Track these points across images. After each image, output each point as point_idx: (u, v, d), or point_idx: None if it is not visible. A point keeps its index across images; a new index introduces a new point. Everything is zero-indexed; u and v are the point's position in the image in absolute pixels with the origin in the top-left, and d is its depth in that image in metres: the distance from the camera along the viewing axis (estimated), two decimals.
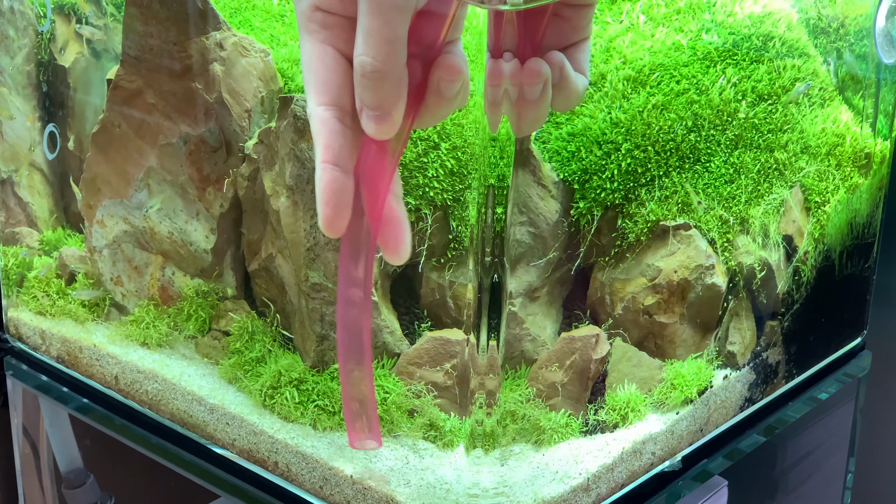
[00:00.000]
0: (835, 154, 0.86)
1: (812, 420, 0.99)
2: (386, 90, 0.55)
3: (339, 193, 0.56)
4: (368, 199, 0.58)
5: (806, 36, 0.83)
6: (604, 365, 0.73)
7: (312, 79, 0.57)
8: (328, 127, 0.56)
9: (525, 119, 0.58)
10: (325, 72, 0.56)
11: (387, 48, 0.54)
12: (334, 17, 0.56)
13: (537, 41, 0.57)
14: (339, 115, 0.56)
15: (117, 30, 0.84)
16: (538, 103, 0.57)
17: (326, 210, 0.56)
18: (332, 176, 0.56)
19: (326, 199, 0.56)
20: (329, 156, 0.56)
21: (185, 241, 0.80)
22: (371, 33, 0.54)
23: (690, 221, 0.75)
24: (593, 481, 0.69)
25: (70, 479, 0.98)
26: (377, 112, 0.55)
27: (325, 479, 0.70)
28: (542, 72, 0.56)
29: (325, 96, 0.56)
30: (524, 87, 0.56)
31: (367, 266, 0.61)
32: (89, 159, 0.82)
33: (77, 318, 0.85)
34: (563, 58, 0.57)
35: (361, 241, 0.60)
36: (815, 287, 0.87)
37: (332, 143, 0.56)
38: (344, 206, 0.57)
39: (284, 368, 0.73)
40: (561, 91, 0.57)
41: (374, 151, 0.58)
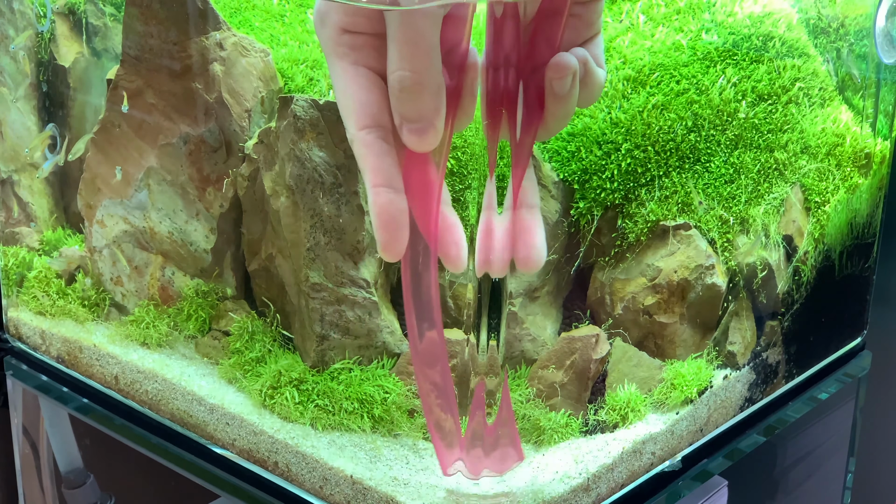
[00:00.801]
0: (835, 154, 0.86)
1: (812, 420, 0.99)
2: (426, 101, 0.54)
3: (396, 215, 0.55)
4: (422, 215, 0.57)
5: (806, 36, 0.83)
6: (604, 365, 0.73)
7: (349, 103, 0.56)
8: (374, 149, 0.55)
9: (555, 116, 0.57)
10: (361, 93, 0.55)
11: (423, 59, 0.53)
12: (363, 37, 0.55)
13: (556, 45, 0.57)
14: (382, 135, 0.55)
15: (117, 30, 0.84)
16: (567, 98, 0.56)
17: (384, 234, 0.56)
18: (388, 198, 0.55)
19: (384, 223, 0.55)
20: (380, 178, 0.55)
21: (185, 241, 0.80)
22: (405, 46, 0.53)
23: (690, 221, 0.75)
24: (593, 481, 0.69)
25: (70, 479, 0.98)
26: (419, 124, 0.54)
27: (325, 479, 0.70)
28: (570, 65, 0.55)
29: (365, 118, 0.55)
30: (553, 83, 0.55)
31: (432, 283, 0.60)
32: (89, 159, 0.82)
33: (77, 318, 0.85)
34: (586, 53, 0.57)
35: (421, 260, 0.59)
36: (815, 287, 0.87)
37: (380, 165, 0.55)
38: (403, 228, 0.56)
39: (284, 368, 0.73)
40: (586, 86, 0.57)
41: (420, 166, 0.57)
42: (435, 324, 0.60)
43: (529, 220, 0.59)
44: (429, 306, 0.60)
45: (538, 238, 0.58)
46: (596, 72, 0.57)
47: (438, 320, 0.60)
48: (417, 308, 0.60)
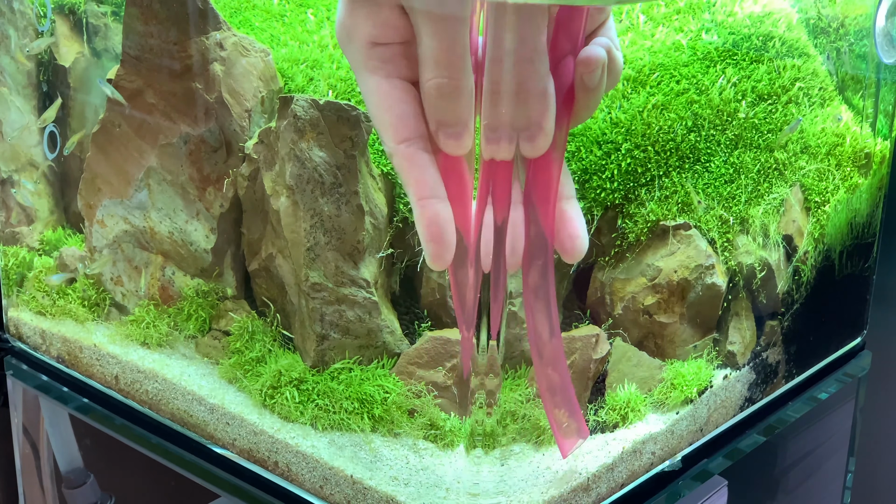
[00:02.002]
0: (835, 154, 0.86)
1: (812, 420, 0.99)
2: (463, 105, 0.54)
3: (444, 226, 0.55)
4: (461, 217, 0.57)
5: (806, 36, 0.83)
6: (604, 365, 0.73)
7: (386, 117, 0.55)
8: (416, 162, 0.55)
9: (587, 106, 0.57)
10: (399, 106, 0.55)
11: (458, 64, 0.53)
12: (392, 48, 0.55)
13: (581, 40, 0.56)
14: (422, 145, 0.55)
15: (117, 30, 0.84)
16: (597, 89, 0.56)
17: (434, 246, 0.56)
18: (435, 210, 0.55)
19: (432, 234, 0.55)
20: (426, 190, 0.55)
21: (185, 240, 0.80)
22: (440, 53, 0.53)
23: (690, 221, 0.75)
24: (593, 481, 0.69)
25: (70, 479, 0.98)
26: (457, 128, 0.55)
27: (325, 479, 0.70)
28: (600, 58, 0.55)
29: (404, 131, 0.55)
30: (584, 77, 0.55)
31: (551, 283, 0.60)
32: (89, 159, 0.82)
33: (77, 318, 0.85)
34: (608, 40, 0.57)
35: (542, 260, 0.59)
36: (815, 287, 0.87)
37: (423, 177, 0.55)
38: (449, 236, 0.56)
39: (284, 368, 0.73)
40: (611, 71, 0.57)
41: (457, 168, 0.57)
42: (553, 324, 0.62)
43: (571, 211, 0.59)
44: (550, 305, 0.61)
45: (582, 228, 0.59)
46: (617, 56, 0.57)
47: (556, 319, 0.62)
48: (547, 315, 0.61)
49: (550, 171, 0.58)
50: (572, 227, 0.59)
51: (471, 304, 0.60)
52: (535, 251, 0.59)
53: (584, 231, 0.59)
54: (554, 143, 0.56)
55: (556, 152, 0.57)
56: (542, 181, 0.58)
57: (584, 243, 0.59)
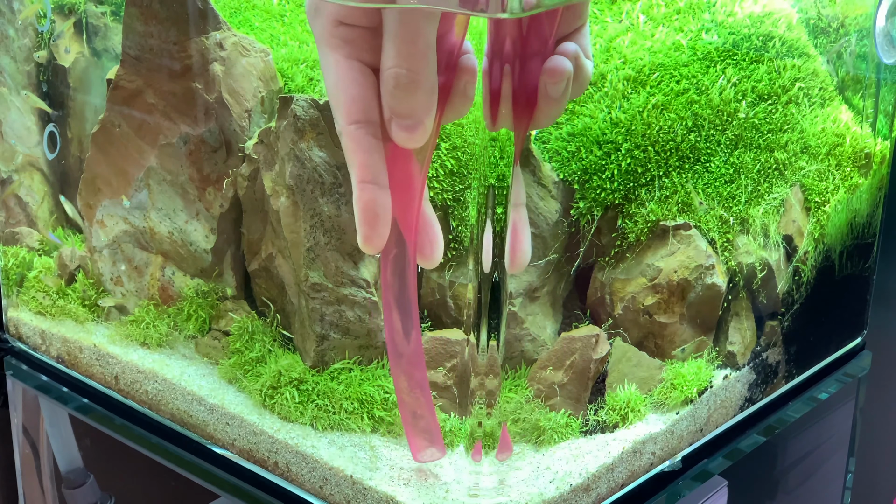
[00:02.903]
0: (835, 154, 0.86)
1: (812, 420, 0.99)
2: (419, 99, 0.54)
3: (379, 210, 0.56)
4: (402, 209, 0.58)
5: (806, 36, 0.83)
6: (604, 365, 0.73)
7: (341, 96, 0.56)
8: (363, 145, 0.56)
9: (547, 115, 0.57)
10: (353, 87, 0.56)
11: (420, 58, 0.53)
12: (358, 30, 0.55)
13: (551, 41, 0.57)
14: (371, 130, 0.56)
15: (117, 30, 0.84)
16: (561, 100, 0.56)
17: (367, 229, 0.56)
18: (373, 194, 0.56)
19: (367, 217, 0.56)
20: (367, 174, 0.56)
21: (185, 241, 0.80)
22: (403, 46, 0.53)
23: (690, 221, 0.75)
24: (593, 481, 0.69)
25: (70, 479, 0.98)
26: (409, 121, 0.55)
27: (325, 479, 0.70)
28: (565, 69, 0.56)
29: (356, 113, 0.56)
30: (548, 86, 0.56)
31: (409, 277, 0.60)
32: (89, 159, 0.82)
33: (77, 318, 0.85)
34: (577, 47, 0.57)
35: (400, 252, 0.59)
36: (815, 287, 0.87)
37: (368, 160, 0.56)
38: (384, 222, 0.56)
39: (284, 368, 0.73)
40: (577, 79, 0.57)
41: (404, 161, 0.57)
42: (413, 318, 0.61)
43: (518, 221, 0.59)
44: (409, 301, 0.61)
45: (525, 239, 0.59)
46: (585, 64, 0.57)
47: (416, 314, 0.61)
48: (399, 303, 0.61)
49: (411, 167, 0.58)
50: (516, 238, 0.59)
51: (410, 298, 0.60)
52: (393, 251, 0.59)
53: (527, 243, 0.59)
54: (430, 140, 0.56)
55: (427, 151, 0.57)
56: (402, 179, 0.58)
57: (526, 256, 0.59)
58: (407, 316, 0.61)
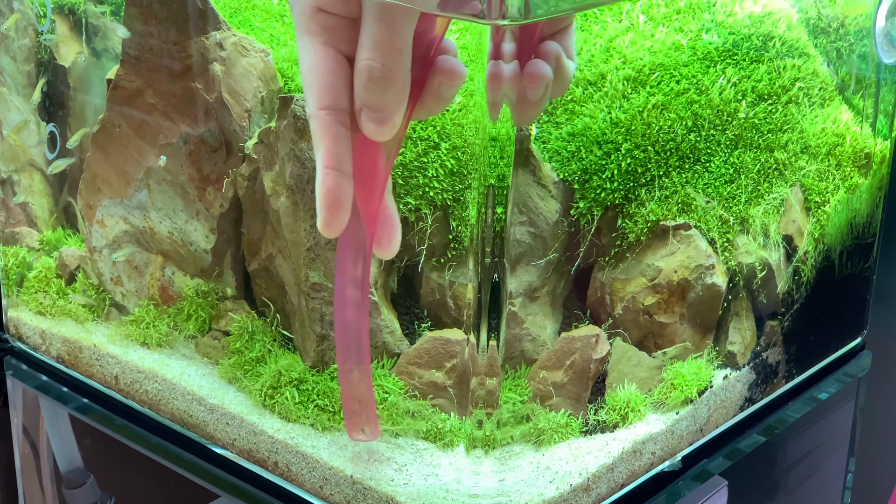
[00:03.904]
0: (835, 154, 0.86)
1: (812, 420, 0.99)
2: (391, 94, 0.55)
3: (340, 196, 0.57)
4: (364, 199, 0.59)
5: (806, 36, 0.83)
6: (604, 365, 0.73)
7: (314, 81, 0.57)
8: (331, 131, 0.57)
9: (526, 117, 0.58)
10: (327, 74, 0.56)
11: (395, 54, 0.54)
12: (336, 18, 0.56)
13: (535, 40, 0.57)
14: (341, 118, 0.56)
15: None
16: (539, 102, 0.57)
17: (326, 213, 0.57)
18: (335, 180, 0.57)
19: (328, 202, 0.57)
20: (332, 160, 0.57)
21: (185, 241, 0.80)
22: (380, 40, 0.54)
23: (690, 221, 0.75)
24: (593, 481, 0.69)
25: (70, 479, 0.98)
26: (379, 114, 0.56)
27: (325, 479, 0.70)
28: (544, 74, 0.56)
29: (326, 99, 0.56)
30: (527, 90, 0.56)
31: (364, 266, 0.62)
32: (89, 159, 0.82)
33: (77, 318, 0.85)
34: (558, 47, 0.58)
35: (358, 241, 0.60)
36: (815, 287, 0.87)
37: (334, 147, 0.57)
38: (344, 209, 0.57)
39: (284, 368, 0.73)
40: (557, 79, 0.58)
41: (371, 152, 0.58)
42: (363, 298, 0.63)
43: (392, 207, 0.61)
44: (363, 287, 0.63)
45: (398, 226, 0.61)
46: (566, 65, 0.58)
47: (366, 295, 0.63)
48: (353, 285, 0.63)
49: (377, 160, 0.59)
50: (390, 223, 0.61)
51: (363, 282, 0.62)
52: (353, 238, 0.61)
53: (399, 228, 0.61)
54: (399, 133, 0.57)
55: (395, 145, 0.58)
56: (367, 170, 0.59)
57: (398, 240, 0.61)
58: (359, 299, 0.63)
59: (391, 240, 0.61)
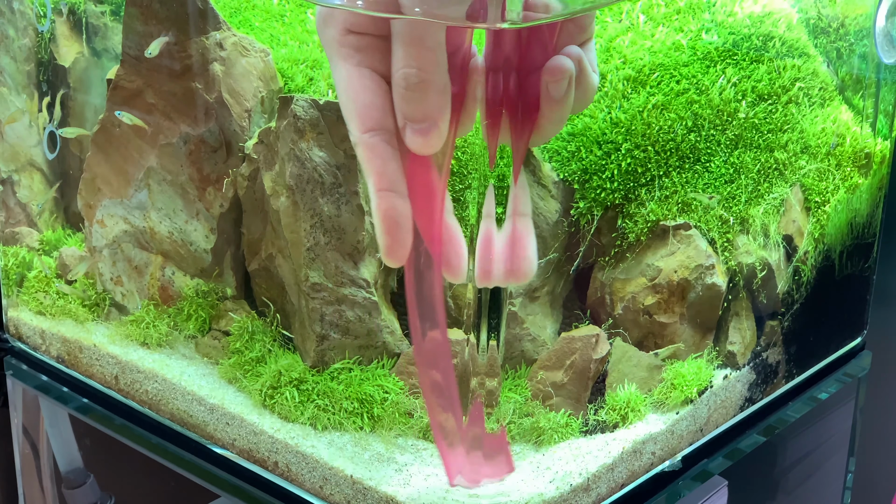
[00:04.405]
0: (835, 154, 0.86)
1: (812, 420, 0.99)
2: (432, 100, 0.53)
3: (400, 220, 0.55)
4: (424, 222, 0.56)
5: (806, 36, 0.83)
6: (604, 365, 0.73)
7: (354, 106, 0.55)
8: (378, 153, 0.55)
9: (550, 119, 0.56)
10: (366, 95, 0.55)
11: (429, 56, 0.53)
12: (368, 38, 0.55)
13: (551, 48, 0.56)
14: (386, 138, 0.55)
15: (117, 30, 0.84)
16: (562, 102, 0.55)
17: (388, 239, 0.55)
18: (391, 203, 0.55)
19: (387, 226, 0.55)
20: (385, 182, 0.55)
21: (185, 241, 0.80)
22: (411, 44, 0.53)
23: (690, 221, 0.76)
24: (593, 481, 0.69)
25: (70, 479, 0.98)
26: (424, 124, 0.54)
27: (325, 479, 0.70)
28: (566, 68, 0.54)
29: (370, 121, 0.55)
30: (549, 86, 0.54)
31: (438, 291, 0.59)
32: (89, 159, 0.82)
33: (77, 318, 0.85)
34: (580, 51, 0.56)
35: (423, 261, 0.58)
36: (815, 287, 0.87)
37: (385, 169, 0.55)
38: (406, 232, 0.55)
39: (284, 368, 0.73)
40: (580, 87, 0.56)
41: (423, 171, 0.56)
42: (438, 324, 0.60)
43: (521, 230, 0.58)
44: (431, 307, 0.59)
45: (530, 249, 0.58)
46: (589, 74, 0.56)
47: (442, 321, 0.60)
48: (420, 308, 0.59)
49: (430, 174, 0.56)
50: (521, 247, 0.58)
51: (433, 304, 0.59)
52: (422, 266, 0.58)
53: (533, 252, 0.58)
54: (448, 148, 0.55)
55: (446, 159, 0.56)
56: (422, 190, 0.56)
57: (532, 265, 0.58)
58: (426, 319, 0.60)
59: (459, 259, 0.57)
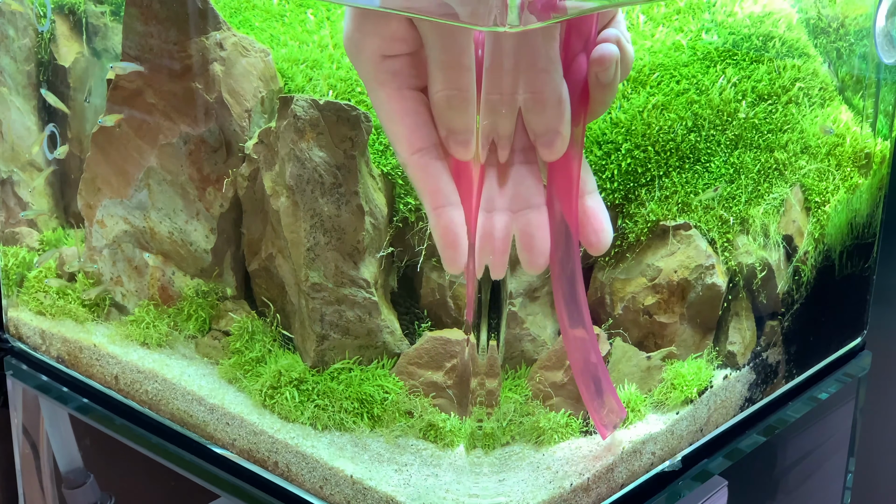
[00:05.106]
0: (835, 154, 0.86)
1: (812, 420, 0.99)
2: (470, 114, 0.56)
3: (459, 232, 0.57)
4: (567, 210, 0.60)
5: (806, 36, 0.83)
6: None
7: (400, 129, 0.57)
8: (430, 171, 0.57)
9: (602, 102, 0.59)
10: (408, 117, 0.57)
11: (465, 76, 0.55)
12: (402, 60, 0.57)
13: (593, 37, 0.58)
14: (435, 154, 0.57)
15: (117, 30, 0.84)
16: (612, 84, 0.58)
17: (449, 251, 0.58)
18: (450, 217, 0.57)
19: (449, 242, 0.57)
20: (440, 199, 0.57)
21: (185, 241, 0.80)
22: (449, 67, 0.55)
23: (690, 221, 0.76)
24: (593, 481, 0.69)
25: (70, 479, 0.98)
26: (466, 136, 0.56)
27: (325, 479, 0.70)
28: (613, 55, 0.57)
29: (417, 142, 0.57)
30: (598, 75, 0.57)
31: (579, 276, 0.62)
32: (89, 159, 0.82)
33: (77, 318, 0.85)
34: (618, 33, 0.58)
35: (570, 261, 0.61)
36: (815, 287, 0.87)
37: (438, 186, 0.57)
38: (464, 242, 0.58)
39: (284, 368, 0.73)
40: (623, 64, 0.59)
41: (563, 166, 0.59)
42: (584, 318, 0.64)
43: (595, 205, 0.61)
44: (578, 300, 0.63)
45: (606, 221, 0.61)
46: (627, 48, 0.59)
47: (586, 313, 0.64)
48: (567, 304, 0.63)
49: (571, 169, 0.59)
50: (597, 221, 0.61)
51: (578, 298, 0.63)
52: (560, 247, 0.61)
53: (608, 224, 0.61)
54: (571, 142, 0.58)
55: (575, 149, 0.59)
56: (561, 179, 0.59)
57: (608, 236, 0.61)
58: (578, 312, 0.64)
59: (600, 234, 0.61)
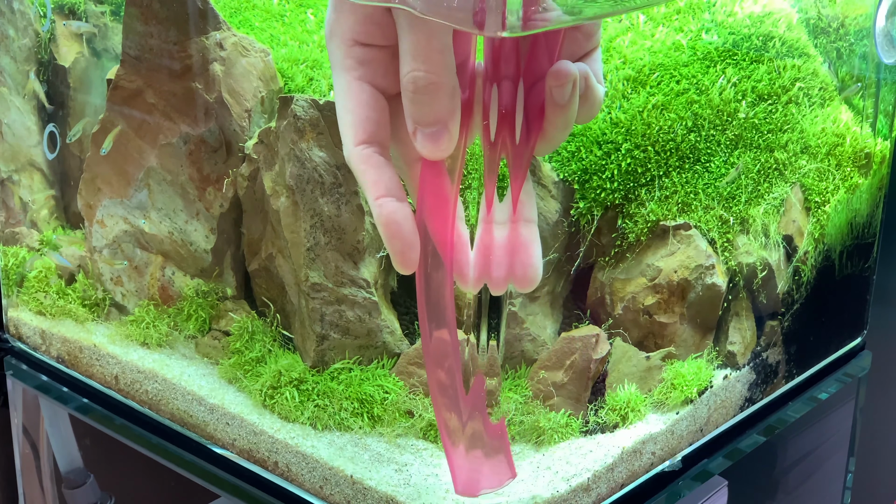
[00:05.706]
0: (835, 154, 0.86)
1: (812, 420, 0.99)
2: (442, 102, 0.53)
3: (403, 223, 0.55)
4: (437, 226, 0.56)
5: (806, 36, 0.83)
6: (604, 365, 0.73)
7: (349, 118, 0.55)
8: (372, 163, 0.55)
9: (555, 126, 0.55)
10: (362, 109, 0.55)
11: (437, 57, 0.52)
12: (373, 51, 0.55)
13: (556, 56, 0.55)
14: (379, 150, 0.55)
15: (117, 30, 0.84)
16: (567, 108, 0.54)
17: (397, 244, 0.55)
18: (391, 208, 0.55)
19: (393, 233, 0.55)
20: (381, 189, 0.55)
21: (185, 241, 0.80)
22: (419, 46, 0.52)
23: (690, 221, 0.76)
24: (593, 481, 0.69)
25: (70, 479, 0.98)
26: (435, 128, 0.53)
27: (325, 479, 0.70)
28: (570, 72, 0.54)
29: (363, 134, 0.55)
30: (553, 90, 0.54)
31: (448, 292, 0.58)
32: (89, 159, 0.82)
33: (77, 318, 0.85)
34: (587, 67, 0.55)
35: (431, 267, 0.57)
36: (815, 287, 0.87)
37: (380, 177, 0.55)
38: (412, 234, 0.55)
39: (284, 368, 0.73)
40: (586, 101, 0.56)
41: (436, 175, 0.56)
42: (446, 323, 0.59)
43: (526, 236, 0.57)
44: (439, 307, 0.58)
45: (535, 256, 0.57)
46: (596, 87, 0.56)
47: (451, 321, 0.59)
48: (428, 308, 0.58)
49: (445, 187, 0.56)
50: (526, 254, 0.57)
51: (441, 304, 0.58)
52: (430, 268, 0.57)
53: (538, 259, 0.57)
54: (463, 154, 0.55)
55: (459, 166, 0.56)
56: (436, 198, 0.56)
57: (538, 273, 0.57)
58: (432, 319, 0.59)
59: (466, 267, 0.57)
